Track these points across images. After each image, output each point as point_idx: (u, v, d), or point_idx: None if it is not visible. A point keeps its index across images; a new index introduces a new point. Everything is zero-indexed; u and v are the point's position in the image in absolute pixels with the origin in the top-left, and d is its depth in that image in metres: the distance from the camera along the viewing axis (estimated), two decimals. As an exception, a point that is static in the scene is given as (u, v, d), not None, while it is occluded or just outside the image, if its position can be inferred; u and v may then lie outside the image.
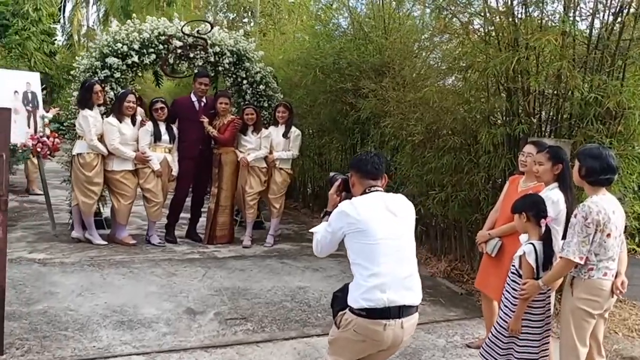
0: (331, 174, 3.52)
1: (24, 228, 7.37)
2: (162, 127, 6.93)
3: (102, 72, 7.14)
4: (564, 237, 3.46)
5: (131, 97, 6.72)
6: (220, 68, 7.78)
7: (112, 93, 7.09)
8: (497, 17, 5.51)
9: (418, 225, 7.47)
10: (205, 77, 7.19)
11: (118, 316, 4.71)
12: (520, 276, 3.56)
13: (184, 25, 7.50)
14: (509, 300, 3.62)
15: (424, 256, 7.10)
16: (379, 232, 2.93)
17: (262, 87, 7.91)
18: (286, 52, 9.02)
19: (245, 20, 14.20)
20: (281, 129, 7.34)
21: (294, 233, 8.36)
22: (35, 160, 8.99)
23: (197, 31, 7.62)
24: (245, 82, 7.88)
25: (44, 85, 9.50)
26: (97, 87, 6.59)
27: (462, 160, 5.99)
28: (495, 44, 5.52)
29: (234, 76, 7.90)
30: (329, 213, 3.22)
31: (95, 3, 30.80)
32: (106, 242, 6.77)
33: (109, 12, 23.55)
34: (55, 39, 24.05)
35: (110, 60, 7.09)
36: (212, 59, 7.66)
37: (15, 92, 6.70)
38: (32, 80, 6.91)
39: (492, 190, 5.76)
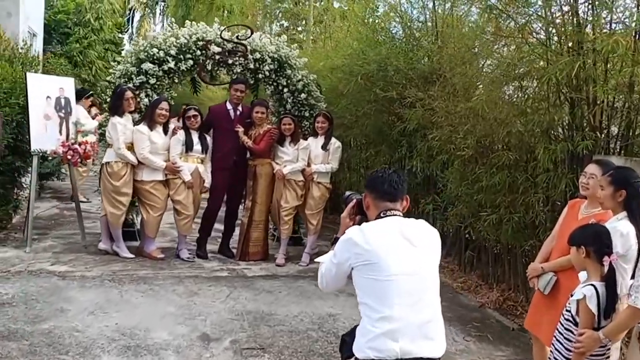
0: (346, 193, 3.01)
1: (55, 237, 7.16)
2: (195, 136, 6.58)
3: (138, 78, 6.88)
4: (632, 278, 2.82)
5: (164, 105, 6.41)
6: (260, 75, 7.39)
7: (146, 100, 6.82)
8: (559, 17, 4.85)
9: (468, 248, 6.95)
10: (241, 83, 6.81)
11: (126, 340, 4.33)
12: (576, 324, 2.92)
13: (222, 30, 7.16)
14: (560, 353, 2.98)
15: (473, 283, 6.44)
16: (392, 266, 2.46)
17: (303, 95, 7.47)
18: (329, 58, 8.54)
19: (300, 28, 13.89)
20: (320, 140, 6.86)
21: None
22: (80, 167, 8.89)
23: (237, 36, 7.26)
24: (286, 90, 7.46)
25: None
26: (129, 94, 6.31)
27: (517, 179, 5.33)
28: (556, 47, 4.86)
29: (275, 84, 7.49)
30: (338, 240, 2.73)
31: (161, 13, 31.49)
32: (133, 256, 6.46)
33: (172, 22, 23.89)
34: (122, 49, 24.55)
35: (146, 65, 6.82)
36: (251, 66, 7.28)
37: (48, 97, 6.50)
38: (65, 86, 6.71)
39: (551, 214, 5.08)
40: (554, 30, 5.06)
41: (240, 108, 6.85)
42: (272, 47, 7.36)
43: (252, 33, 7.31)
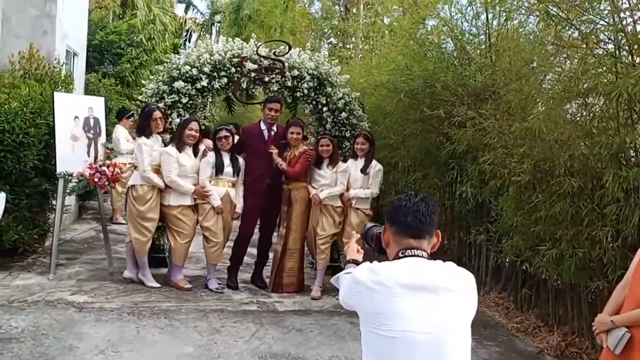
0: (368, 225, 2.53)
1: (84, 262, 6.88)
2: (226, 158, 6.17)
3: (169, 97, 6.55)
4: None
5: (194, 125, 6.04)
6: (298, 93, 6.94)
7: (178, 120, 6.48)
8: (630, 25, 4.19)
9: (525, 284, 6.24)
10: (275, 102, 6.37)
11: (132, 386, 3.90)
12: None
13: (259, 46, 6.77)
14: None
15: (531, 324, 5.72)
16: (404, 320, 1.95)
17: (344, 114, 6.96)
18: (370, 74, 8.01)
19: (348, 45, 13.46)
20: (360, 162, 6.34)
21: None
22: (119, 188, 8.66)
23: (274, 52, 6.85)
24: (325, 108, 6.98)
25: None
26: (157, 114, 5.98)
27: (581, 209, 4.64)
28: (628, 58, 4.19)
29: (314, 102, 7.03)
30: (355, 262, 2.40)
31: (217, 34, 31.81)
32: (159, 285, 6.07)
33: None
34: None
35: (178, 84, 6.49)
36: (289, 84, 6.84)
37: (76, 117, 6.25)
38: (95, 105, 6.46)
39: (622, 251, 4.37)
40: (624, 40, 4.39)
41: (275, 128, 6.41)
42: (311, 64, 6.90)
43: (290, 49, 6.89)
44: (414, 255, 2.06)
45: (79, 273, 6.42)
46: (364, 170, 6.27)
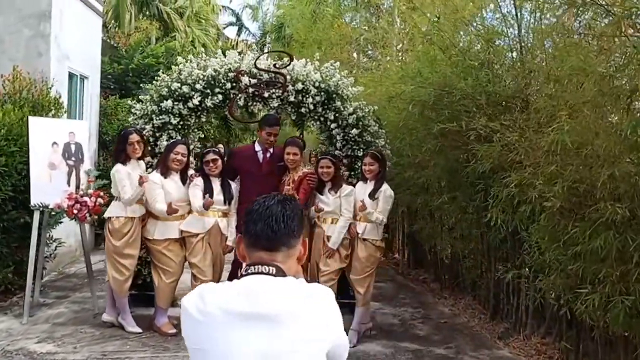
0: None
1: (73, 302, 6.29)
2: (216, 184, 5.45)
3: (159, 118, 5.92)
4: None
5: (180, 148, 5.38)
6: (303, 109, 6.16)
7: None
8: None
9: (570, 328, 5.17)
10: (275, 125, 5.61)
11: None
12: None
13: (257, 58, 6.05)
14: None
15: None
16: (221, 356, 1.58)
17: (355, 131, 6.12)
18: (380, 85, 7.12)
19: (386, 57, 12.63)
20: (370, 186, 5.48)
21: (399, 323, 6.30)
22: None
23: (275, 65, 6.12)
24: (334, 125, 6.16)
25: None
26: (134, 137, 5.34)
27: (628, 243, 3.64)
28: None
29: (322, 119, 6.23)
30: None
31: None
32: (141, 330, 5.36)
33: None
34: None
35: (166, 103, 5.85)
36: (292, 99, 6.07)
37: (54, 143, 5.70)
38: (77, 130, 5.88)
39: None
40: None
41: (270, 149, 5.64)
42: (316, 76, 6.12)
43: (291, 60, 6.13)
44: (258, 273, 1.67)
45: (60, 315, 5.81)
46: (372, 195, 5.40)
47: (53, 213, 5.66)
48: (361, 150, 6.14)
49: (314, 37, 17.52)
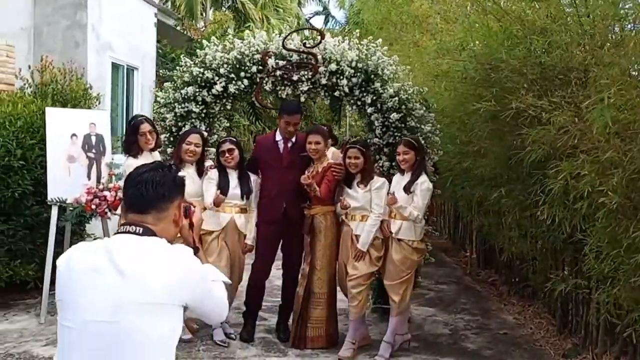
0: None
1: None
2: (233, 177, 4.95)
3: (181, 106, 5.50)
4: None
5: (193, 138, 4.92)
6: (337, 93, 5.53)
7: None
8: None
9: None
10: (294, 114, 5.00)
11: None
12: None
13: (285, 38, 5.48)
14: None
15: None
16: (80, 308, 1.72)
17: (395, 115, 5.40)
18: (423, 62, 6.26)
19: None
20: (405, 178, 4.77)
21: (448, 334, 5.53)
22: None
23: (304, 44, 5.52)
24: (371, 109, 5.48)
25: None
26: (145, 126, 4.94)
27: None
28: None
29: (359, 102, 5.57)
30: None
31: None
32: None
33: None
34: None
35: (187, 90, 5.42)
36: (324, 81, 5.45)
37: (73, 135, 5.43)
38: (98, 120, 5.59)
39: None
40: None
41: (293, 139, 5.05)
42: (352, 54, 5.45)
43: (322, 38, 5.51)
44: (126, 232, 1.83)
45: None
46: (407, 188, 4.69)
47: (71, 208, 5.38)
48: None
49: (386, 17, 16.70)
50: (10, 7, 6.82)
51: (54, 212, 5.32)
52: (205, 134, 5.30)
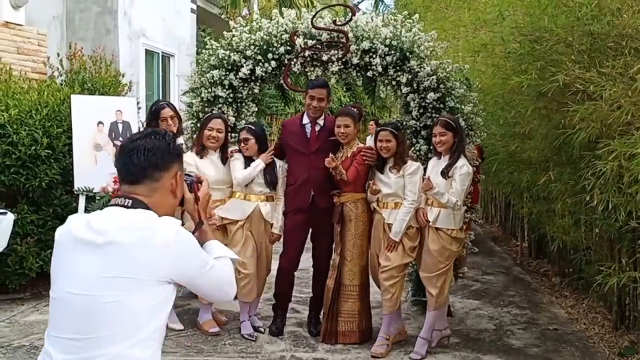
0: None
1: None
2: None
3: (208, 90, 5.29)
4: None
5: (215, 123, 4.70)
6: (370, 73, 5.20)
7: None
8: None
9: None
10: (319, 87, 4.70)
11: None
12: None
13: (314, 16, 5.19)
14: None
15: None
16: (64, 279, 1.73)
17: (433, 95, 5.03)
18: (464, 36, 5.80)
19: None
20: (443, 162, 4.41)
21: (493, 329, 5.15)
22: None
23: (334, 22, 5.21)
24: (406, 89, 5.13)
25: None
26: (167, 111, 4.78)
27: None
28: None
29: (394, 82, 5.23)
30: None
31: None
32: (182, 327, 4.82)
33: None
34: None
35: (212, 74, 5.20)
36: (356, 61, 5.13)
37: (100, 123, 5.31)
38: (124, 108, 5.45)
39: None
40: None
41: (321, 121, 4.76)
42: (385, 31, 5.11)
43: (353, 14, 5.18)
44: (115, 205, 1.77)
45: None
46: (445, 172, 4.33)
47: (99, 197, 5.27)
48: (442, 119, 5.02)
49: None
50: (42, -5, 6.80)
51: (82, 201, 5.23)
52: (232, 119, 5.09)
